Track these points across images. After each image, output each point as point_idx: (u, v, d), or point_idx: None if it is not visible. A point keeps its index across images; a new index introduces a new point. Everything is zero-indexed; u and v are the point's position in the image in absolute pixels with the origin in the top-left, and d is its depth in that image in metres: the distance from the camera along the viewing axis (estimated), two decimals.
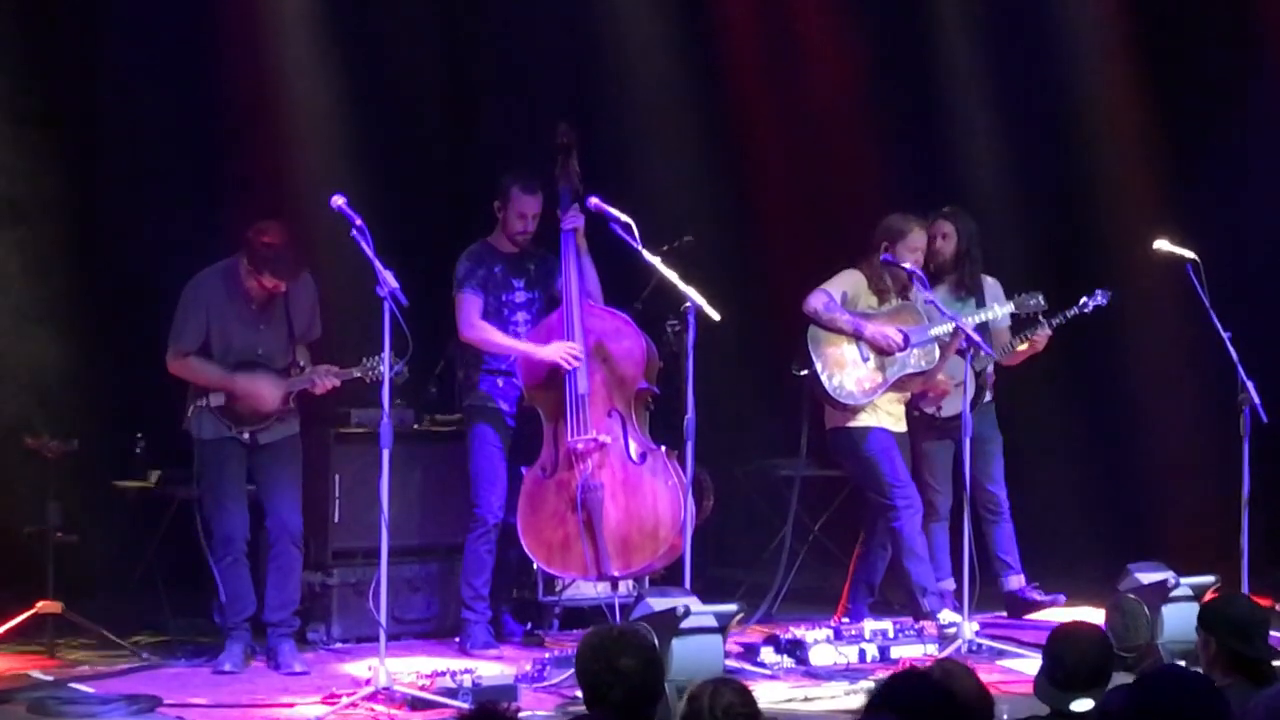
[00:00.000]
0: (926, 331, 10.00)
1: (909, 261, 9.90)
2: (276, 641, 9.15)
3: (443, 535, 10.01)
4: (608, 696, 5.38)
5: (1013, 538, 10.57)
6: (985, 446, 10.41)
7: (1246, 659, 6.10)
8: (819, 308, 9.94)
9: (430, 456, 10.06)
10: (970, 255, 10.46)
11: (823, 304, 9.94)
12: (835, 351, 9.98)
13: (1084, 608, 10.11)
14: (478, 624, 9.62)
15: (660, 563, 9.58)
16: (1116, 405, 12.22)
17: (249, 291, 9.09)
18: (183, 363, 9.10)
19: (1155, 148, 12.37)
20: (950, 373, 10.11)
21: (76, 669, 9.10)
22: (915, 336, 10.00)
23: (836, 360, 9.97)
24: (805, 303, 9.96)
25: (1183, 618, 9.12)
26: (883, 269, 10.02)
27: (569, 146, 9.71)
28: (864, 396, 9.99)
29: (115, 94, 10.77)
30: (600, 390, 9.56)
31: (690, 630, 8.25)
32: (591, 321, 9.61)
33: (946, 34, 12.47)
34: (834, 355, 9.98)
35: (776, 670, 9.09)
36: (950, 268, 10.44)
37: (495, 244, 9.72)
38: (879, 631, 9.40)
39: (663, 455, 9.52)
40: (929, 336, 10.00)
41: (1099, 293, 10.27)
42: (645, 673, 5.40)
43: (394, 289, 8.29)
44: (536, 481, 9.56)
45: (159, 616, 9.81)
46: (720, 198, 12.13)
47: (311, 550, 9.63)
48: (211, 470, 9.12)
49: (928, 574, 10.04)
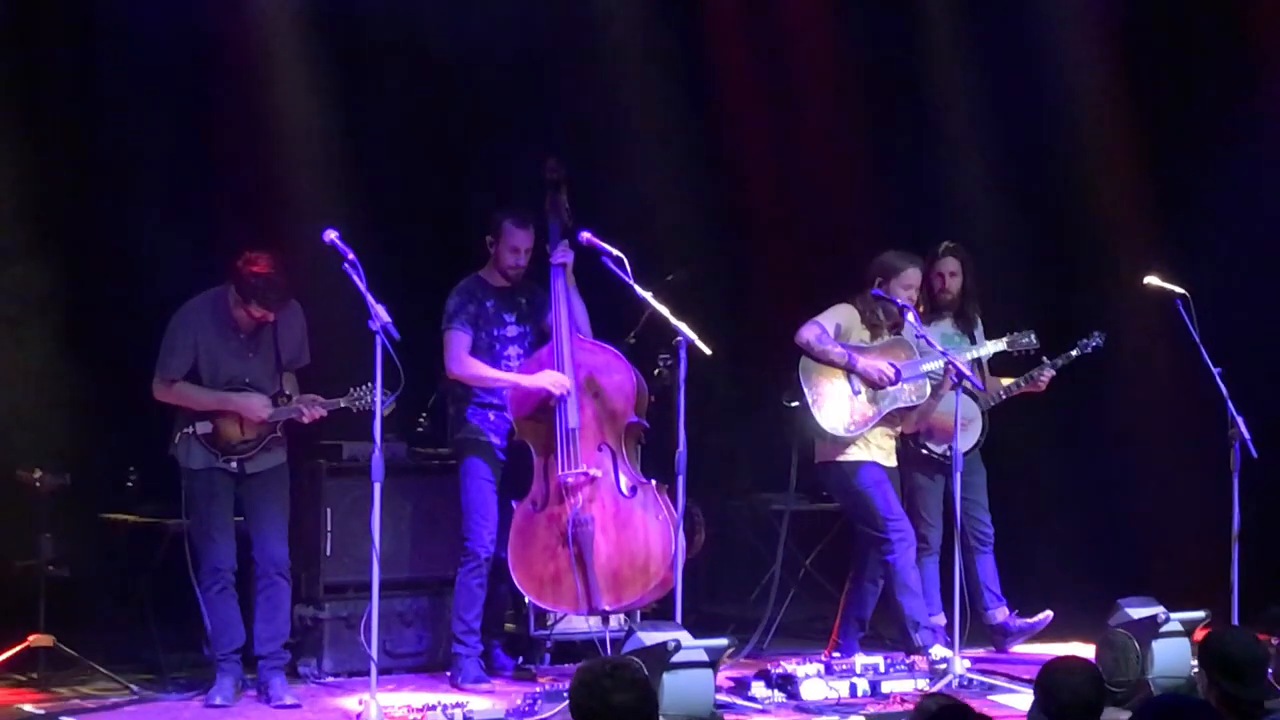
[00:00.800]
0: (918, 366, 10.04)
1: (902, 298, 9.94)
2: (267, 675, 9.15)
3: (434, 569, 10.01)
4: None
5: (994, 568, 10.63)
6: (973, 479, 10.47)
7: (1239, 700, 6.05)
8: (811, 339, 9.98)
9: (422, 490, 10.06)
10: (973, 292, 10.52)
11: (815, 336, 9.98)
12: (826, 384, 10.01)
13: (1074, 642, 10.12)
14: (469, 658, 9.61)
15: (651, 597, 9.58)
16: (1106, 440, 12.23)
17: (237, 321, 9.11)
18: (169, 389, 9.12)
19: (1146, 183, 12.39)
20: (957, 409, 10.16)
21: (68, 702, 9.10)
22: (907, 371, 10.03)
23: (828, 392, 10.00)
24: (798, 334, 10.00)
25: (1173, 653, 9.16)
26: (875, 304, 10.06)
27: (558, 182, 9.74)
28: (854, 429, 10.01)
29: (107, 124, 10.77)
30: (591, 424, 9.58)
31: (681, 664, 8.26)
32: (582, 355, 9.63)
33: (939, 66, 12.51)
34: (825, 387, 10.01)
35: (768, 705, 9.08)
36: (955, 303, 10.49)
37: (487, 278, 9.75)
38: (870, 666, 9.40)
39: (653, 489, 9.53)
40: (920, 372, 10.04)
41: (1095, 335, 10.34)
42: (638, 709, 5.34)
43: (386, 323, 8.31)
44: (527, 516, 9.56)
45: (151, 650, 9.79)
46: (712, 233, 12.15)
47: (303, 584, 9.63)
48: (199, 501, 9.13)
49: (921, 609, 10.05)
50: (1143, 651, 9.13)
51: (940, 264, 10.50)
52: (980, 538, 10.56)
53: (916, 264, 10.16)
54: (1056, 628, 10.73)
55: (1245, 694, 6.05)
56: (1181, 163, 12.37)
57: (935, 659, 9.59)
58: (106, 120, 10.78)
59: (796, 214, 12.59)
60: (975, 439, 10.46)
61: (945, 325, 10.49)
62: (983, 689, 9.36)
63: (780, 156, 12.58)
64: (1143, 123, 12.38)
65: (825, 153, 12.58)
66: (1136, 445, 12.38)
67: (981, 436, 10.49)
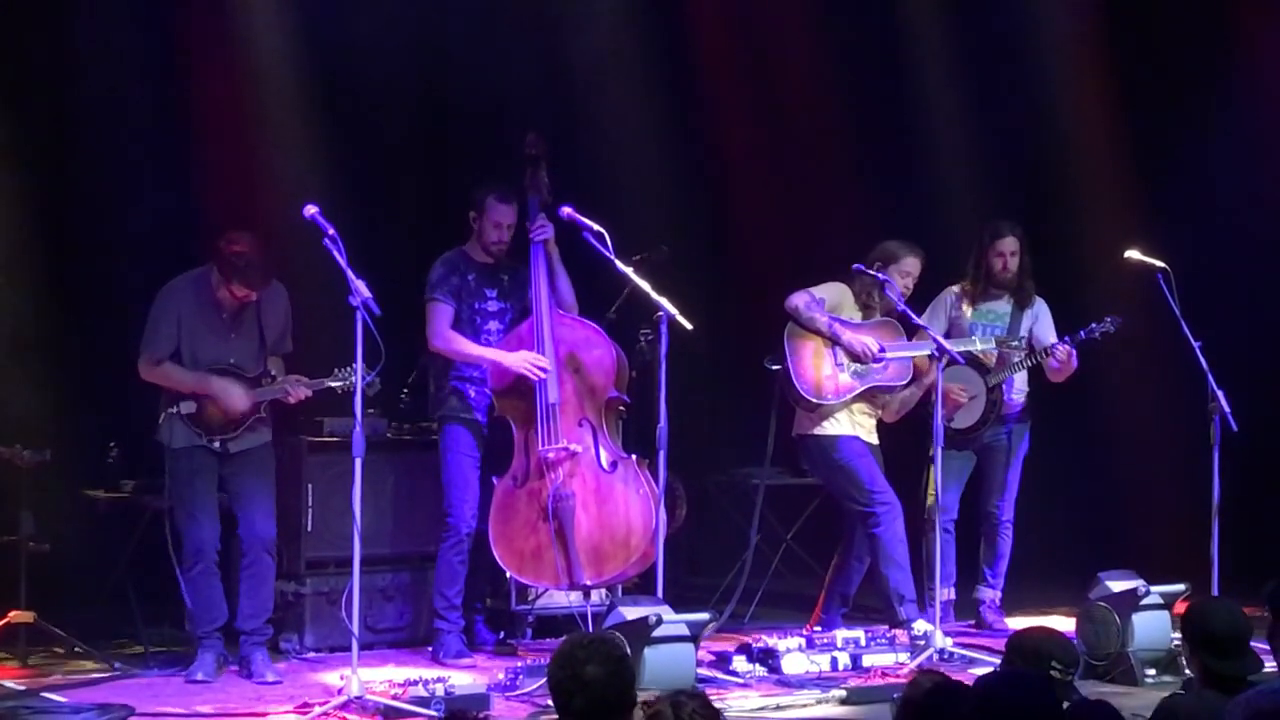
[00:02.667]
0: (906, 349, 10.06)
1: (900, 286, 9.96)
2: (249, 650, 9.15)
3: (415, 544, 10.00)
4: (570, 705, 5.35)
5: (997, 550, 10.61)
6: (997, 456, 10.51)
7: (1221, 674, 6.00)
8: (800, 305, 10.01)
9: (403, 466, 10.05)
10: (1030, 268, 10.53)
11: (804, 303, 10.02)
12: (810, 351, 10.04)
13: (1055, 616, 10.15)
14: (450, 633, 9.62)
15: (632, 571, 9.60)
16: (1086, 414, 12.25)
17: (220, 301, 9.09)
18: (155, 369, 9.11)
19: (1126, 158, 12.42)
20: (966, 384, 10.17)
21: (49, 678, 9.10)
22: (893, 351, 10.05)
23: (810, 360, 10.02)
24: (788, 299, 10.03)
25: (1153, 626, 9.20)
26: (870, 285, 10.08)
27: (538, 158, 9.72)
28: (833, 397, 10.02)
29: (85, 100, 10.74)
30: (571, 399, 9.58)
31: (662, 639, 8.27)
32: (562, 331, 9.62)
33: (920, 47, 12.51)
34: (808, 354, 10.04)
35: (749, 679, 9.09)
36: (1014, 282, 10.49)
37: (470, 253, 9.74)
38: (851, 640, 9.40)
39: (634, 464, 9.54)
40: (907, 355, 10.06)
41: (1108, 320, 10.31)
42: (610, 682, 5.32)
43: (367, 298, 8.30)
44: (508, 491, 9.56)
45: (132, 626, 9.80)
46: (693, 208, 12.16)
47: (284, 559, 9.62)
48: (182, 480, 9.11)
49: (907, 582, 10.06)
50: (1123, 624, 9.17)
51: (1002, 243, 10.51)
52: (985, 517, 10.60)
53: (917, 254, 10.17)
54: (1037, 601, 10.77)
55: (1227, 668, 6.01)
56: (1163, 136, 12.39)
57: (916, 633, 9.60)
58: (86, 101, 10.75)
59: (779, 189, 12.59)
60: (978, 416, 10.43)
61: (1000, 303, 10.51)
62: (964, 662, 9.37)
63: (762, 132, 12.59)
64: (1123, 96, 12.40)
65: (808, 129, 12.59)
66: (1116, 419, 12.41)
67: (991, 414, 10.45)
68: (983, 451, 10.57)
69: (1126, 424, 12.37)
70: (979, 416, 10.45)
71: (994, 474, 10.64)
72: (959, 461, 10.48)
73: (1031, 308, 10.55)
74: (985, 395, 10.45)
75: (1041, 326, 10.53)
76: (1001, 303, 10.54)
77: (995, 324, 10.49)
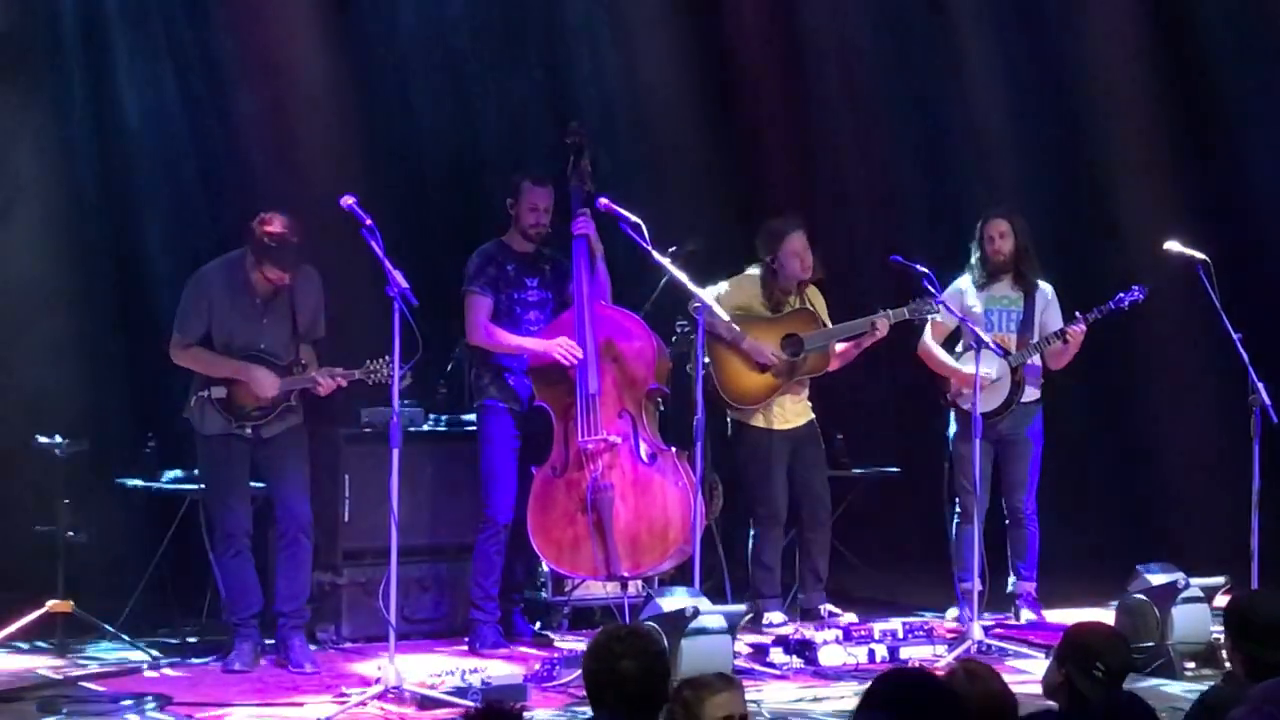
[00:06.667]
0: (824, 336, 10.03)
1: (795, 265, 9.99)
2: (287, 634, 9.14)
3: (452, 535, 9.99)
4: (603, 698, 5.31)
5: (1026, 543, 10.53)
6: (1015, 449, 10.44)
7: (1265, 663, 5.90)
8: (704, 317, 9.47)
9: (440, 456, 10.04)
10: (1028, 252, 10.46)
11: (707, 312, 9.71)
12: (729, 356, 10.05)
13: (1094, 609, 10.10)
14: (487, 624, 9.61)
15: (669, 563, 9.58)
16: (1127, 406, 12.20)
17: (253, 285, 9.06)
18: (185, 352, 9.09)
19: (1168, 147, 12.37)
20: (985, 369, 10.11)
21: (87, 668, 9.12)
22: (810, 342, 10.02)
23: (731, 365, 10.08)
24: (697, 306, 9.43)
25: (1193, 618, 9.15)
26: (771, 276, 10.06)
27: (580, 146, 9.70)
28: (755, 401, 10.09)
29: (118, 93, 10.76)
30: (611, 390, 9.56)
31: (699, 631, 8.25)
32: (602, 322, 9.60)
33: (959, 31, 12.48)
34: (731, 360, 10.07)
35: (786, 671, 9.08)
36: (1009, 265, 10.44)
37: (509, 243, 9.72)
38: (888, 632, 9.39)
39: (673, 456, 9.52)
40: (827, 340, 10.02)
41: (1136, 288, 10.26)
42: (645, 678, 5.27)
43: (404, 289, 8.28)
44: (546, 481, 9.55)
45: (169, 615, 9.84)
46: (727, 203, 12.11)
47: (321, 550, 9.61)
48: (215, 466, 9.13)
49: (771, 582, 10.19)
50: (1162, 617, 9.13)
51: (989, 226, 10.46)
52: (1012, 514, 10.52)
53: (799, 225, 10.14)
54: (1076, 594, 10.71)
55: (1271, 657, 5.93)
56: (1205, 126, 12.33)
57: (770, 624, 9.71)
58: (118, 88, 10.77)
59: (815, 178, 12.55)
60: (1002, 399, 10.36)
61: (1003, 287, 10.45)
62: (1001, 654, 9.34)
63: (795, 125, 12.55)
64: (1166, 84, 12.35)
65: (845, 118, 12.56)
66: (1157, 411, 12.36)
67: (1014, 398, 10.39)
68: (1000, 445, 10.46)
69: (1166, 417, 12.32)
70: (1004, 399, 10.40)
71: (1013, 469, 10.53)
72: (982, 453, 10.38)
73: (1039, 293, 10.47)
74: (1009, 378, 10.38)
75: (1050, 314, 10.46)
76: (1006, 286, 10.47)
77: (1010, 308, 10.42)
